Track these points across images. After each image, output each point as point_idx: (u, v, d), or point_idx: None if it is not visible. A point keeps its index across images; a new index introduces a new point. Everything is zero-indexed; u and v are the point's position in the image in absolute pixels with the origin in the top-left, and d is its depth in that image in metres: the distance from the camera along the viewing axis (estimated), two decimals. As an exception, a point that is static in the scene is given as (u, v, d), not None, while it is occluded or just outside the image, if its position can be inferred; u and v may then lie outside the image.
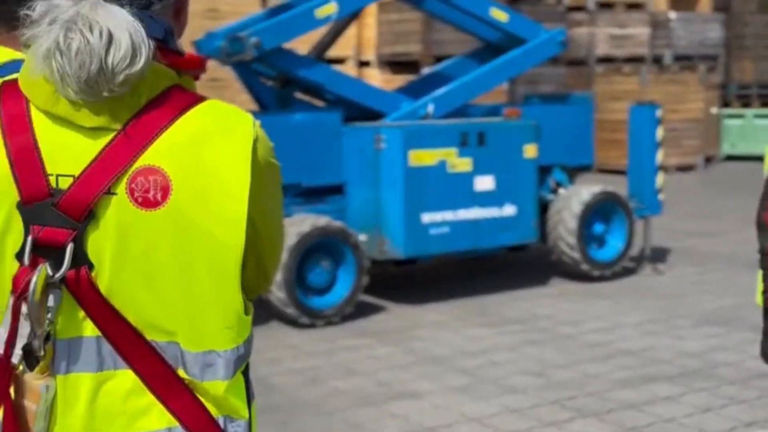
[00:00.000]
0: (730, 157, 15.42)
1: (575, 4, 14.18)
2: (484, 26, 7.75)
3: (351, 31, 10.33)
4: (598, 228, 7.49)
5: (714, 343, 5.77)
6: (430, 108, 7.10)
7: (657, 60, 14.87)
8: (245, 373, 1.48)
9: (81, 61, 1.29)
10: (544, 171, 7.45)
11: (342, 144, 6.62)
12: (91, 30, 1.30)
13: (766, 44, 16.32)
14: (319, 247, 6.20)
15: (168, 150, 1.35)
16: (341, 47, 10.16)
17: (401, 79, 10.50)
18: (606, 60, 14.55)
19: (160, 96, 1.37)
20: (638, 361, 5.43)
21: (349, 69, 11.46)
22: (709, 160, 14.94)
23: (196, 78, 1.47)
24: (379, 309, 6.69)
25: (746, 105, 16.32)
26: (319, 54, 7.43)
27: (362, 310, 6.53)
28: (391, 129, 6.50)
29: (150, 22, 1.37)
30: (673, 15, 14.80)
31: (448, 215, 6.58)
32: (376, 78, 11.72)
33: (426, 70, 10.05)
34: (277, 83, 6.99)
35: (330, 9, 6.65)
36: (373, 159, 6.49)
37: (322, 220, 6.23)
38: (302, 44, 7.57)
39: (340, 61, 11.11)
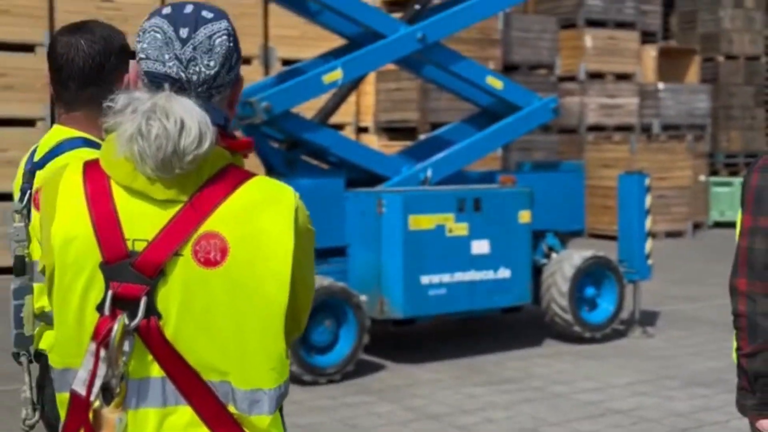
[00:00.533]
0: (718, 224, 15.75)
1: (567, 75, 14.62)
2: (480, 93, 8.08)
3: (350, 99, 10.67)
4: (590, 291, 7.74)
5: (701, 403, 5.99)
6: (429, 172, 7.40)
7: (646, 129, 15.27)
8: (280, 410, 1.74)
9: (159, 144, 1.57)
10: (537, 236, 7.73)
11: (345, 208, 6.90)
12: (167, 118, 1.58)
13: (752, 115, 16.77)
14: (322, 307, 6.43)
15: (225, 218, 1.62)
16: (341, 114, 10.50)
17: (399, 145, 10.83)
18: (596, 128, 14.95)
19: (218, 172, 1.65)
20: (628, 419, 5.64)
21: (349, 134, 11.80)
22: (697, 226, 15.26)
23: (245, 156, 1.75)
24: (379, 367, 6.90)
25: (734, 173, 16.70)
26: (323, 119, 7.74)
27: (363, 369, 6.74)
28: (392, 195, 6.79)
29: (212, 111, 1.65)
30: (661, 86, 15.25)
31: (446, 277, 6.84)
32: (374, 144, 12.06)
33: (423, 137, 10.38)
34: (284, 146, 7.28)
35: (336, 75, 6.96)
36: (374, 223, 6.76)
37: (325, 281, 6.48)
38: (306, 110, 7.87)
39: (340, 126, 11.45)
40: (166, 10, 1.66)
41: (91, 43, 2.41)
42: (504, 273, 7.15)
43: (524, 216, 7.28)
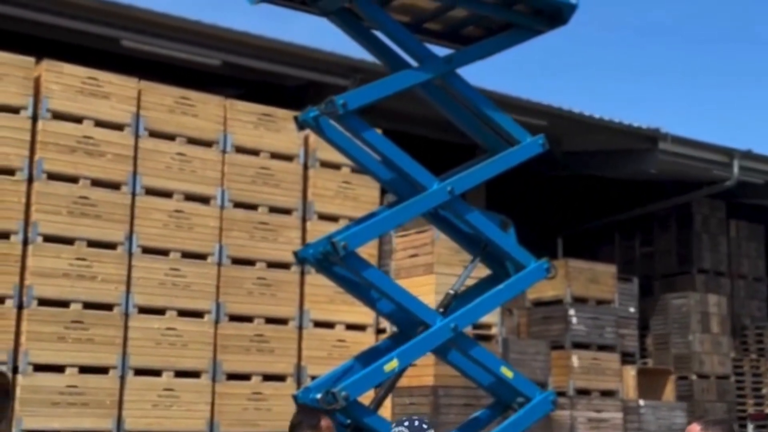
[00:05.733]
0: None
1: (557, 391, 16.19)
2: (490, 377, 9.24)
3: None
4: None
5: None
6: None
7: (632, 442, 16.67)
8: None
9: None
10: None
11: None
12: None
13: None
14: None
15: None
16: None
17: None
18: (586, 440, 16.32)
19: None
20: None
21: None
22: None
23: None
24: None
25: (714, 485, 17.84)
26: (376, 407, 8.99)
27: None
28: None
29: None
30: (642, 402, 16.87)
31: None
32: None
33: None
34: (349, 429, 8.41)
35: (393, 365, 8.22)
36: None
37: None
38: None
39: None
40: (406, 422, 3.34)
41: None
42: None
43: None
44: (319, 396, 7.91)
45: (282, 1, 8.03)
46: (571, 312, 16.21)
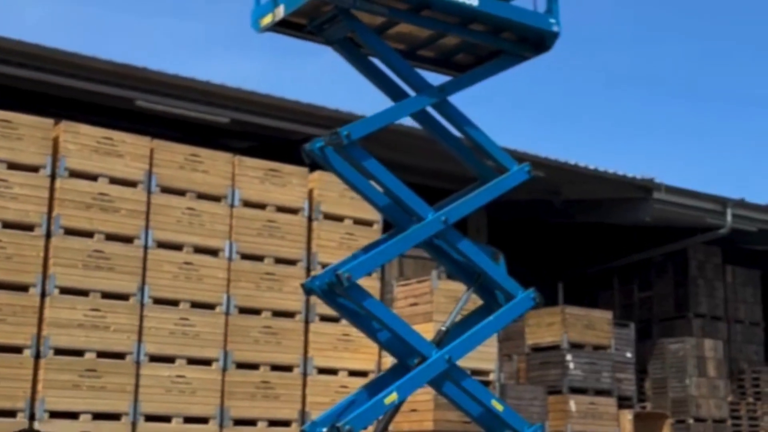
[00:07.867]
0: None
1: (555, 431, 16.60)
2: (481, 409, 9.54)
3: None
4: None
5: None
6: None
7: (629, 485, 16.96)
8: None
9: None
10: None
11: None
12: None
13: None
14: None
15: None
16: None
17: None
18: (585, 484, 16.63)
19: None
20: None
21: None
22: None
23: None
24: None
25: None
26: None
27: None
28: None
29: None
30: (641, 445, 17.23)
31: None
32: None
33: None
34: None
35: (393, 397, 8.33)
36: None
37: None
38: None
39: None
40: None
41: None
42: None
43: None
44: (325, 430, 8.28)
45: (288, 30, 8.49)
46: (569, 357, 16.62)
